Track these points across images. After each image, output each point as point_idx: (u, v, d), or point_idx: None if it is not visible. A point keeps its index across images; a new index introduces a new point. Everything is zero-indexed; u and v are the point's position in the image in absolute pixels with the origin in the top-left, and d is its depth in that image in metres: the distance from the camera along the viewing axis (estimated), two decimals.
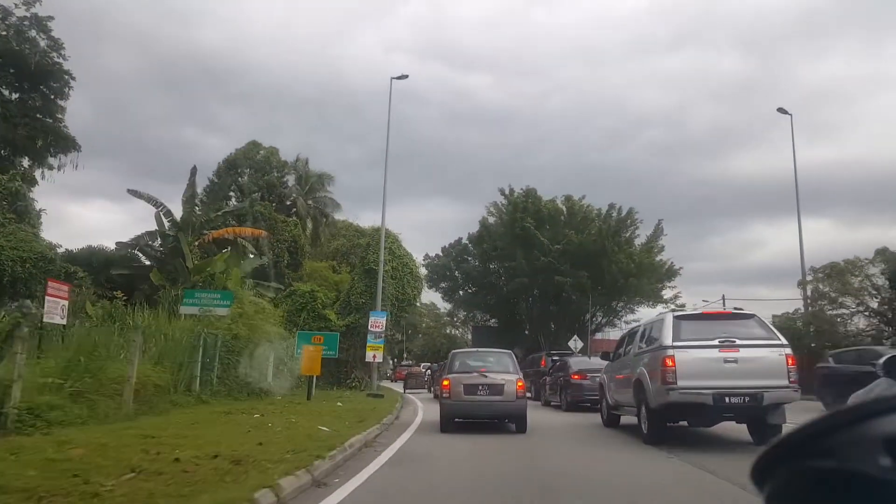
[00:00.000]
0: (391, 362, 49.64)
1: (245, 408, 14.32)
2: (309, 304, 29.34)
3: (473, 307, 61.93)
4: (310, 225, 40.92)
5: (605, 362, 16.52)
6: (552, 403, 23.53)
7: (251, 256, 32.08)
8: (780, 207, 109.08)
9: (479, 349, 19.66)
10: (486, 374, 13.58)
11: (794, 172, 31.57)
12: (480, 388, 13.17)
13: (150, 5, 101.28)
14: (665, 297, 52.73)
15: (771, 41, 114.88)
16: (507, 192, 54.37)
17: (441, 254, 61.86)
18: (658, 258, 50.63)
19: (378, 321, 26.76)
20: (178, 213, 29.11)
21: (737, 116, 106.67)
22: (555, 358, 28.78)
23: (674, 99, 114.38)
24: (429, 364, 49.53)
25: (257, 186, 36.85)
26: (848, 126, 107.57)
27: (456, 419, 13.51)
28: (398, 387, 40.93)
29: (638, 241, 52.00)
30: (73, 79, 28.63)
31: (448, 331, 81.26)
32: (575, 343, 44.38)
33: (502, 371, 13.85)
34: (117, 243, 29.01)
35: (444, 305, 75.03)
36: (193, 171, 28.53)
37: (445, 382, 13.75)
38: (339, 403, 18.30)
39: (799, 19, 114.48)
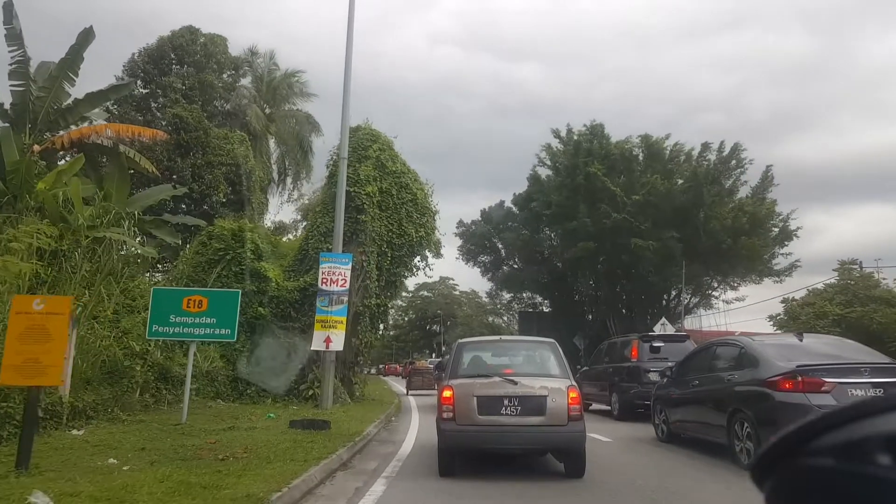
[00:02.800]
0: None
1: None
2: (231, 253, 16.46)
3: (519, 286, 48.22)
4: (274, 150, 28.07)
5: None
6: (683, 435, 10.39)
7: (154, 185, 19.29)
8: (840, 195, 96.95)
9: (503, 337, 12.61)
10: (516, 378, 7.65)
11: None
12: (506, 402, 7.42)
13: (190, 8, 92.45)
14: (777, 267, 38.04)
15: (837, 18, 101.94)
16: (563, 133, 40.61)
17: (480, 219, 48.44)
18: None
19: (335, 270, 13.63)
20: None
21: (797, 99, 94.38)
22: (656, 344, 15.78)
23: (730, 83, 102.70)
24: (439, 359, 37.32)
25: (185, 86, 24.02)
26: None
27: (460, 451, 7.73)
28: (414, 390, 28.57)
29: (741, 194, 37.65)
30: None
31: (490, 319, 67.76)
32: (663, 327, 31.50)
33: (541, 373, 8.08)
34: None
35: (484, 288, 61.98)
36: (8, 5, 15.75)
37: (447, 393, 7.72)
38: None
39: None
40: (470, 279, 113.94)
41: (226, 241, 16.75)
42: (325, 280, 13.62)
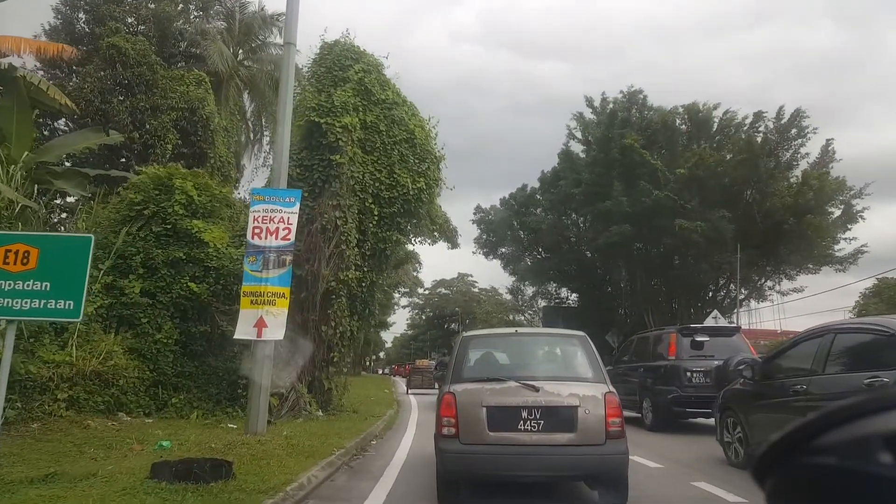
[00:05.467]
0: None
1: None
2: (152, 207, 11.59)
3: (543, 277, 42.97)
4: (249, 104, 23.04)
5: None
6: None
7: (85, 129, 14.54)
8: (871, 190, 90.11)
9: (520, 330, 8.48)
10: (537, 383, 5.90)
11: None
12: (525, 414, 5.73)
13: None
14: (839, 253, 32.26)
15: (866, 11, 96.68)
16: (596, 103, 35.41)
17: (500, 206, 43.30)
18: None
19: (274, 215, 8.62)
20: None
21: (826, 94, 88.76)
22: (698, 338, 12.85)
23: (757, 78, 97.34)
24: (442, 358, 34.17)
25: (137, 20, 19.13)
26: None
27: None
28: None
29: (798, 169, 32.07)
30: None
31: (511, 317, 62.49)
32: (715, 321, 26.79)
33: (570, 377, 6.29)
34: None
35: (504, 283, 57.22)
36: None
37: (447, 402, 5.95)
38: None
39: None
40: (490, 276, 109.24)
41: (146, 192, 11.85)
42: (257, 230, 8.61)
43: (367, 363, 78.13)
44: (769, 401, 7.64)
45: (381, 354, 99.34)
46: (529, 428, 5.74)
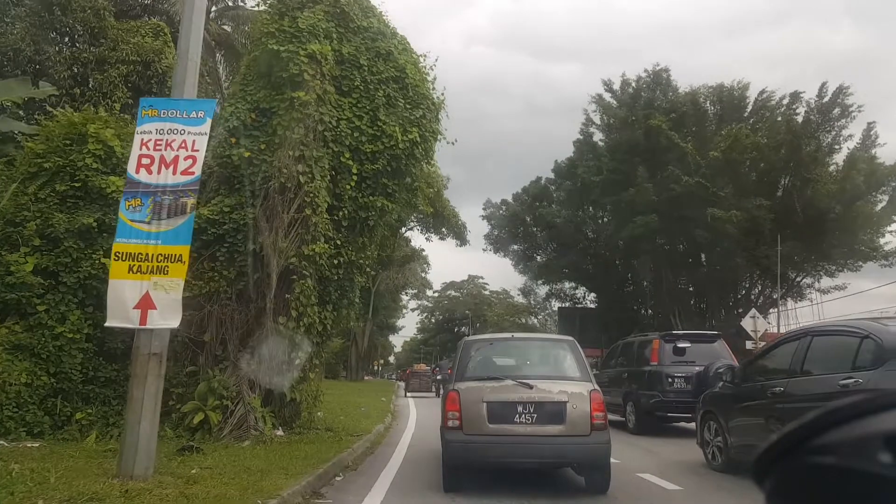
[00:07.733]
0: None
1: None
2: (58, 160, 8.74)
3: (558, 275, 39.82)
4: (222, 67, 19.94)
5: None
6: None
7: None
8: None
9: (516, 335, 10.01)
10: (531, 381, 6.73)
11: None
12: (521, 409, 6.55)
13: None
14: (887, 247, 28.87)
15: (887, 8, 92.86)
16: (615, 86, 32.31)
17: (512, 201, 40.26)
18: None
19: (171, 138, 5.61)
20: None
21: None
22: (680, 345, 12.92)
23: (777, 78, 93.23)
24: (440, 363, 33.24)
25: None
26: None
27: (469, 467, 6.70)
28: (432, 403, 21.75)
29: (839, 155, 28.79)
30: None
31: (523, 320, 59.35)
32: (754, 321, 23.87)
33: (560, 376, 7.13)
34: None
35: (516, 284, 54.32)
36: None
37: (452, 398, 6.72)
38: None
39: None
40: (501, 278, 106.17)
41: (52, 143, 8.94)
42: (145, 160, 5.53)
43: (376, 368, 75.20)
44: (748, 403, 7.65)
45: (391, 359, 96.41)
46: (524, 421, 6.41)
